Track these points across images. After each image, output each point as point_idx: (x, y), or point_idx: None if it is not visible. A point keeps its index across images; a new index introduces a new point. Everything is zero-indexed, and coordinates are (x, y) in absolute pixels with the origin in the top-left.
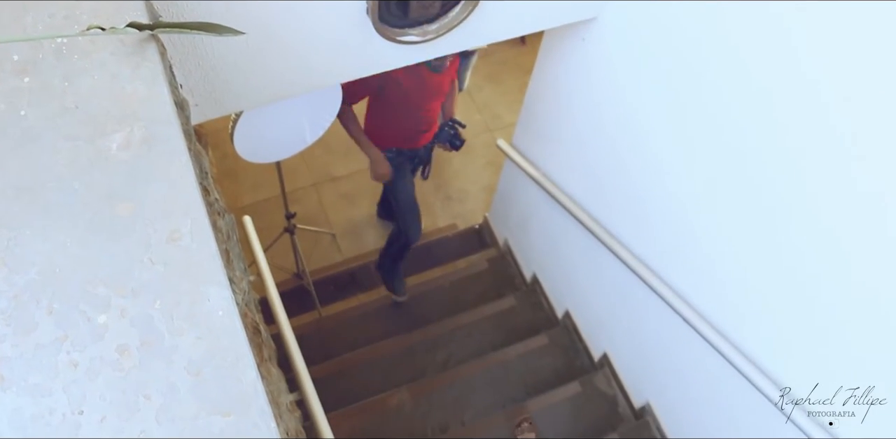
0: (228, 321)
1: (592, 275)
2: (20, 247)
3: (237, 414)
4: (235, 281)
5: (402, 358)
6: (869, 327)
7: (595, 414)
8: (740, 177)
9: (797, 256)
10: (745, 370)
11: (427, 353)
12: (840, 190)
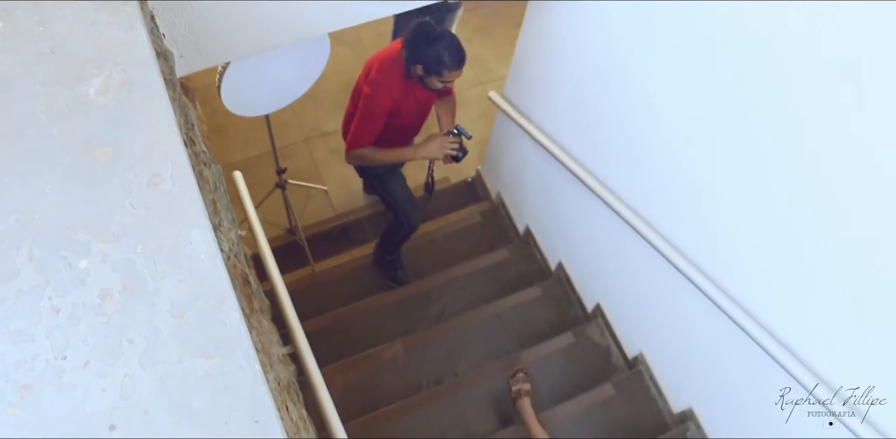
0: (211, 264)
1: (585, 227)
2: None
3: (221, 357)
4: (223, 231)
5: (396, 312)
6: (858, 276)
7: (588, 365)
8: (737, 126)
9: (790, 206)
10: (736, 317)
11: (420, 307)
12: (838, 141)
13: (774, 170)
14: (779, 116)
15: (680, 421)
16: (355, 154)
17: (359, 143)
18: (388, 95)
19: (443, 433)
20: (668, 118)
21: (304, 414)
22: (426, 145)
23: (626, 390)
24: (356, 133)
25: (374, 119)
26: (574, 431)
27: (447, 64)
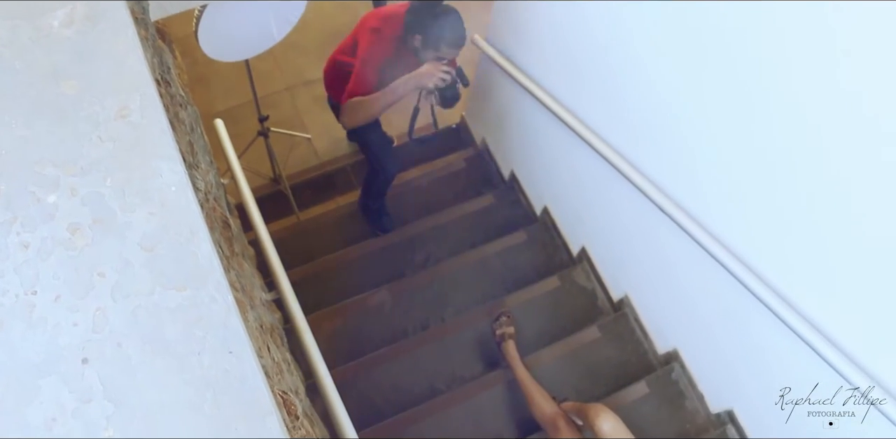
0: (182, 196)
1: (570, 170)
2: None
3: (193, 288)
4: (200, 172)
5: (381, 259)
6: (835, 213)
7: (574, 308)
8: (721, 63)
9: (771, 144)
10: (718, 255)
11: (406, 253)
12: (822, 80)
13: (757, 109)
14: (764, 54)
15: (665, 362)
16: (351, 106)
17: (356, 92)
18: (384, 48)
19: (429, 377)
20: (653, 58)
21: (288, 358)
22: (417, 72)
23: (611, 332)
24: (354, 83)
25: (372, 66)
26: (560, 373)
27: (447, 41)
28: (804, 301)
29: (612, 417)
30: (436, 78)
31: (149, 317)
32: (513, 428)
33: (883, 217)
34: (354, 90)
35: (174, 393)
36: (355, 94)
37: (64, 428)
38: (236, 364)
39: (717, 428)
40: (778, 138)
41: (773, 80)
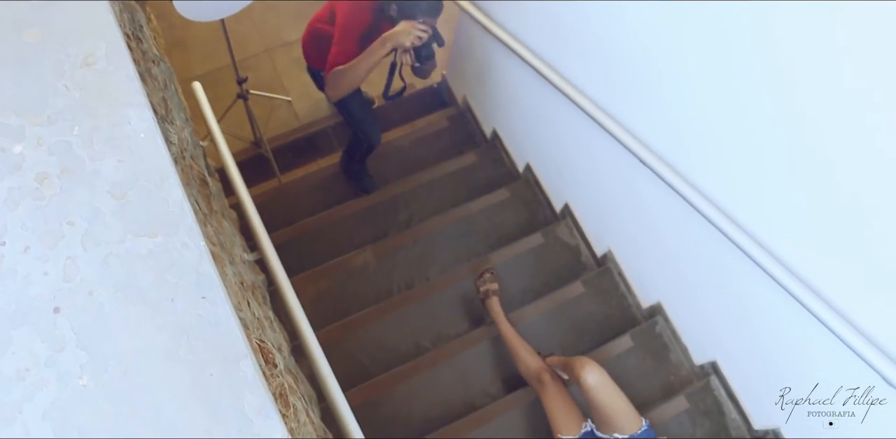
0: (151, 142)
1: (552, 126)
2: None
3: (164, 235)
4: (175, 128)
5: (365, 220)
6: (811, 164)
7: (558, 264)
8: (701, 14)
9: (751, 95)
10: (699, 206)
11: (389, 213)
12: (801, 29)
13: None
14: (744, 2)
15: (649, 316)
16: (334, 77)
17: (338, 61)
18: (362, 17)
19: (415, 335)
20: (633, 10)
21: (270, 316)
22: (393, 31)
23: (595, 287)
24: (335, 54)
25: (351, 36)
26: (545, 328)
27: (423, 9)
28: (784, 249)
29: (597, 370)
30: (412, 36)
31: (120, 265)
32: (498, 384)
33: (858, 164)
34: (336, 60)
35: (148, 339)
36: (337, 64)
37: (37, 378)
38: (210, 309)
39: (700, 380)
40: (757, 89)
41: (752, 30)
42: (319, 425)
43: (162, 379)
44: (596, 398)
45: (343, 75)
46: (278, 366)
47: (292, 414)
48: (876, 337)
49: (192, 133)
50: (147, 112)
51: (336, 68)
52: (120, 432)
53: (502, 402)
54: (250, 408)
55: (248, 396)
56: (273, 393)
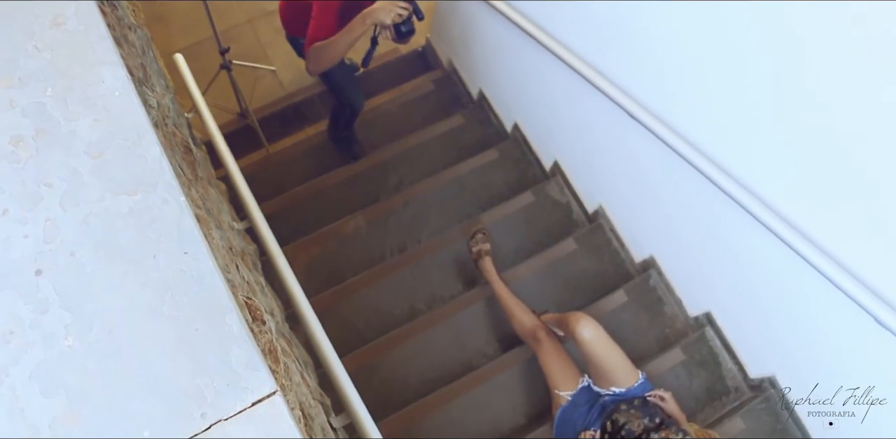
0: (126, 100)
1: (538, 83)
2: None
3: (143, 192)
4: (156, 95)
5: (355, 186)
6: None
7: (550, 222)
8: None
9: (739, 42)
10: (689, 156)
11: (379, 178)
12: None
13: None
14: None
15: (642, 270)
16: (314, 52)
17: (318, 36)
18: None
19: (409, 298)
20: None
21: (262, 281)
22: (372, 8)
23: (587, 244)
24: (314, 28)
25: (330, 10)
26: (539, 286)
27: None
28: (773, 196)
29: (592, 324)
30: (393, 13)
31: (101, 224)
32: (494, 344)
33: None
34: (315, 35)
35: (132, 297)
36: (317, 39)
37: (22, 340)
38: (193, 264)
39: (695, 331)
40: (745, 35)
41: None
42: (316, 389)
43: (147, 336)
44: (592, 352)
45: (323, 51)
46: (267, 324)
47: (283, 371)
48: (867, 279)
49: (175, 101)
50: (121, 70)
51: (316, 44)
52: (107, 390)
53: (499, 361)
54: (237, 362)
55: (234, 350)
56: (262, 350)
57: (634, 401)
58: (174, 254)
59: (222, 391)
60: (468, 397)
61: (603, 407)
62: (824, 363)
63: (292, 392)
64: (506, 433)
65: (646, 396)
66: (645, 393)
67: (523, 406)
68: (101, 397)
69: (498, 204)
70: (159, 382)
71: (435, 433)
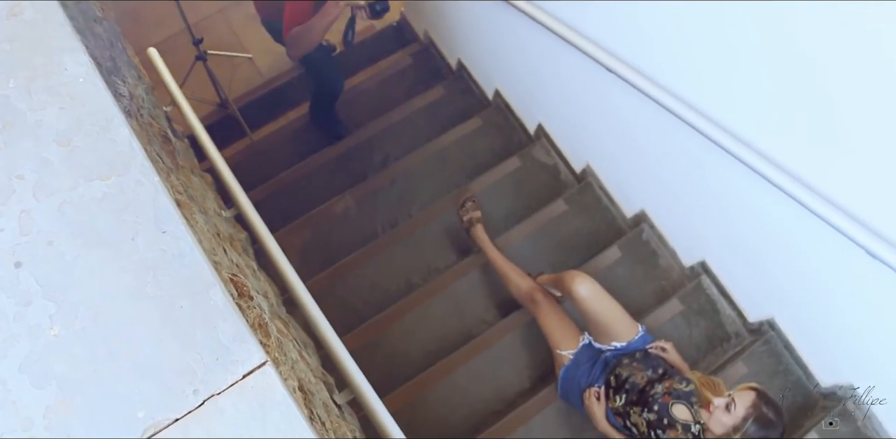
0: (91, 86)
1: (516, 47)
2: None
3: (117, 175)
4: (128, 87)
5: (341, 166)
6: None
7: (538, 185)
8: None
9: None
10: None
11: (364, 156)
12: None
13: None
14: None
15: (634, 224)
16: (292, 38)
17: (295, 21)
18: None
19: (405, 273)
20: None
21: (253, 265)
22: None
23: (578, 203)
24: (290, 14)
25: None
26: (532, 250)
27: None
28: (756, 136)
29: (587, 281)
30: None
31: (76, 212)
32: (493, 310)
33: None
34: (292, 21)
35: (114, 281)
36: (293, 23)
37: (7, 334)
38: (172, 243)
39: (691, 281)
40: None
41: None
42: (317, 368)
43: (133, 318)
44: (589, 309)
45: (300, 37)
46: (255, 300)
47: (274, 345)
48: (857, 213)
49: (150, 92)
50: (83, 56)
51: (293, 30)
52: (97, 376)
53: (499, 327)
54: (225, 336)
55: (221, 324)
56: (251, 324)
57: (636, 354)
58: (153, 234)
59: (212, 366)
60: (471, 365)
61: (605, 363)
62: (821, 300)
63: (287, 366)
64: (511, 397)
65: (647, 348)
66: (646, 345)
67: (526, 369)
68: (92, 383)
69: (485, 171)
70: (149, 363)
71: (441, 404)
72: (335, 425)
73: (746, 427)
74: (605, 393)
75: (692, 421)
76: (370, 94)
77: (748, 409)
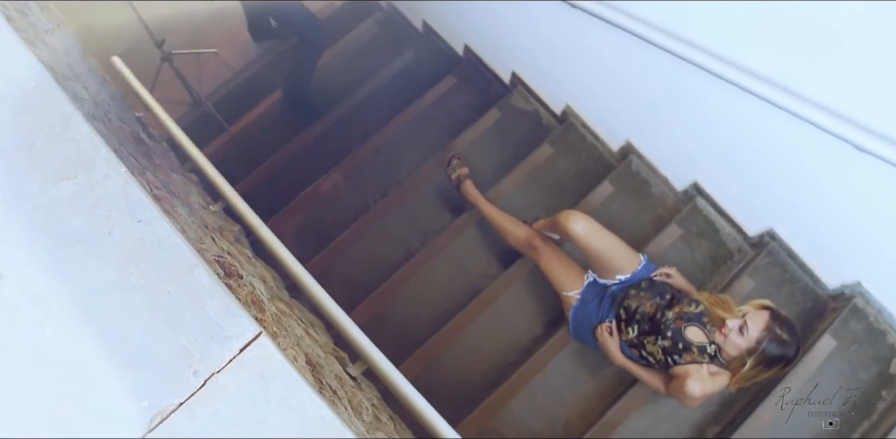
0: (44, 88)
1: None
2: None
3: (83, 173)
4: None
5: (323, 145)
6: None
7: (521, 133)
8: None
9: None
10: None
11: (344, 132)
12: None
13: None
14: None
15: (622, 157)
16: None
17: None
18: None
19: (402, 241)
20: None
21: (247, 253)
22: None
23: (563, 145)
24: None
25: None
26: (525, 198)
27: None
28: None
29: (581, 218)
30: None
31: (49, 215)
32: (495, 263)
33: None
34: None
35: (98, 277)
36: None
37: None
38: (148, 230)
39: (687, 204)
40: None
41: None
42: (328, 344)
43: (122, 310)
44: (588, 245)
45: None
46: (245, 279)
47: (271, 319)
48: (836, 108)
49: (117, 97)
50: (31, 59)
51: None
52: (96, 372)
53: (503, 279)
54: (215, 313)
55: (210, 302)
56: (243, 302)
57: (642, 284)
58: (128, 225)
59: (208, 345)
60: (480, 321)
61: (613, 297)
62: (816, 202)
63: (290, 340)
64: (526, 345)
65: (652, 277)
66: (650, 273)
67: (536, 316)
68: (92, 379)
69: (467, 127)
70: (145, 352)
71: (457, 363)
72: (350, 395)
73: (762, 348)
74: (617, 327)
75: (707, 342)
76: (340, 70)
77: (762, 332)
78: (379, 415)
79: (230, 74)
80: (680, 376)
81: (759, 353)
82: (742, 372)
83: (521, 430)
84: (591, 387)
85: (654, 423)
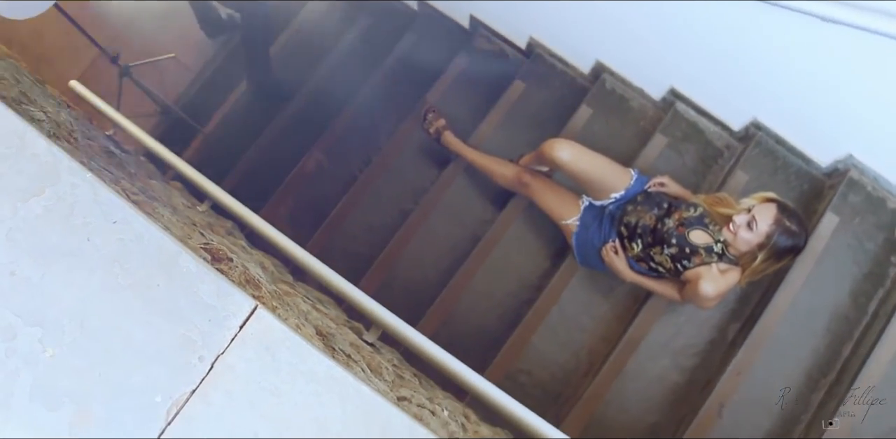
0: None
1: None
2: None
3: (50, 186)
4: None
5: (299, 126)
6: None
7: (490, 75)
8: None
9: None
10: None
11: (318, 108)
12: None
13: None
14: None
15: (595, 78)
16: None
17: None
18: None
19: (395, 204)
20: None
21: (241, 243)
22: None
23: (534, 77)
24: None
25: None
26: (508, 137)
27: None
28: None
29: (565, 144)
30: None
31: (25, 235)
32: (490, 207)
33: None
34: None
35: (86, 285)
36: None
37: (6, 370)
38: (126, 229)
39: (667, 111)
40: None
41: None
42: (339, 316)
43: (116, 312)
44: (576, 170)
45: None
46: (234, 261)
47: (269, 295)
48: None
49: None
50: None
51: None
52: (104, 378)
53: (500, 221)
54: (208, 295)
55: (200, 286)
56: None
57: (637, 198)
58: (105, 227)
59: (207, 329)
60: (487, 266)
61: (612, 217)
62: (793, 83)
63: (291, 311)
64: (536, 281)
65: (646, 189)
66: (644, 186)
67: (541, 250)
68: (102, 386)
69: (436, 79)
70: (147, 348)
71: (472, 313)
72: (368, 359)
73: (773, 242)
74: (621, 244)
75: (712, 242)
76: (300, 48)
77: (771, 226)
78: (402, 374)
79: (192, 75)
80: (692, 280)
81: (771, 247)
82: (753, 267)
83: (547, 364)
84: (607, 310)
85: (676, 331)
